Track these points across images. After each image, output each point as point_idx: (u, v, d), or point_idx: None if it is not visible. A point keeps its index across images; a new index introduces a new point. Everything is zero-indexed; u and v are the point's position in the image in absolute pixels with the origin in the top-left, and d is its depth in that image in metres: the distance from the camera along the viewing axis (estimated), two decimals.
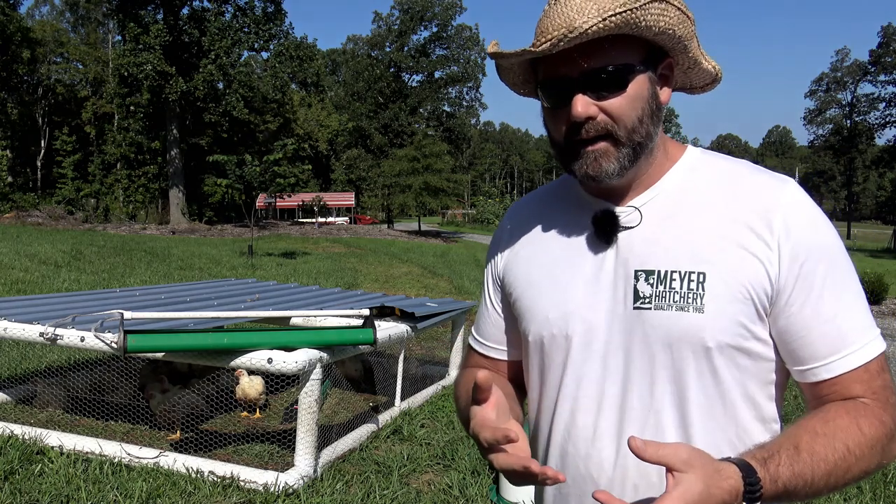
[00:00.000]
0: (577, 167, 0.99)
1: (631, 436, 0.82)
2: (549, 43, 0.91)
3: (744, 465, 0.84)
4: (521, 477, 0.88)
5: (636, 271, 1.00)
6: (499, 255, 1.19)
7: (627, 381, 1.00)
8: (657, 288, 0.98)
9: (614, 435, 1.00)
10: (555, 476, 0.84)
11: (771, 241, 0.95)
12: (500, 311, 1.19)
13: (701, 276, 0.96)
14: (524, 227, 1.16)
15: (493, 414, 0.93)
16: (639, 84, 0.97)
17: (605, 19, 0.89)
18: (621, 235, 1.03)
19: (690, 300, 0.96)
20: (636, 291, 1.00)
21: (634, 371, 0.99)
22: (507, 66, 1.03)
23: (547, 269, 1.09)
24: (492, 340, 1.22)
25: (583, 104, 0.94)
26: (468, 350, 1.28)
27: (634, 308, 0.99)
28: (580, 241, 1.07)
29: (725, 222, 0.98)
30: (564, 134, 0.99)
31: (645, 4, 0.91)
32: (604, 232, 1.03)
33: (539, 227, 1.14)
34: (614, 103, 0.95)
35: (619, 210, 1.04)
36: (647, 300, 0.99)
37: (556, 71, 0.97)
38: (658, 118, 1.00)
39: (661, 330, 0.97)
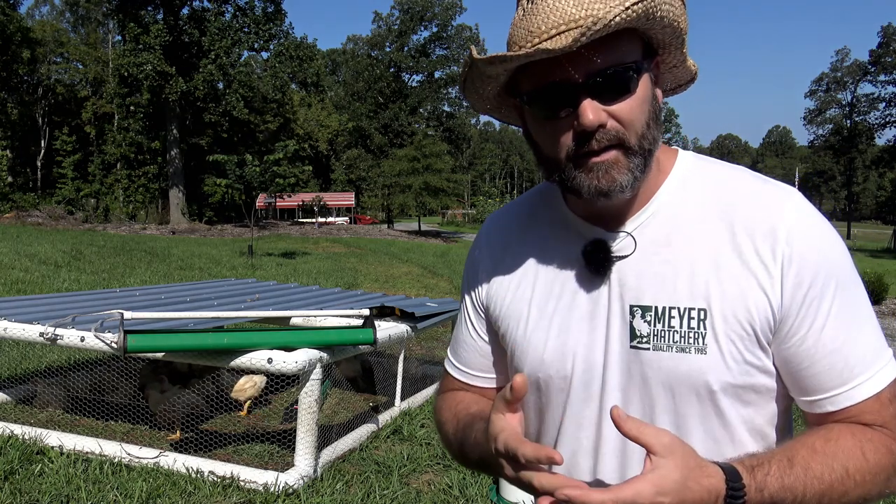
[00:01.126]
0: (583, 182, 0.88)
1: (614, 405, 0.76)
2: (571, 38, 0.79)
3: (729, 469, 0.78)
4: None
5: (632, 307, 0.92)
6: (480, 280, 1.08)
7: None
8: (655, 326, 0.90)
9: (616, 479, 0.94)
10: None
11: (773, 267, 0.87)
12: (485, 339, 1.09)
13: (702, 314, 0.88)
14: (506, 250, 1.06)
15: (521, 429, 0.84)
16: (644, 85, 0.88)
17: (628, 8, 0.79)
18: (615, 266, 0.94)
19: (692, 340, 0.89)
20: (632, 329, 0.92)
21: (634, 414, 0.92)
22: (492, 75, 0.90)
23: (537, 303, 1.00)
24: (477, 368, 1.11)
25: (593, 111, 0.84)
26: (445, 376, 1.16)
27: (631, 347, 0.92)
28: (570, 273, 0.98)
29: (724, 247, 0.90)
30: (566, 147, 0.88)
31: None
32: (596, 266, 0.94)
33: (523, 253, 1.04)
34: (624, 108, 0.86)
35: (610, 237, 0.95)
36: (644, 339, 0.91)
37: (552, 75, 0.85)
38: (660, 122, 0.91)
39: (661, 373, 0.90)
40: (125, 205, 37.52)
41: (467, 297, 1.12)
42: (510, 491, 3.57)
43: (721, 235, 0.90)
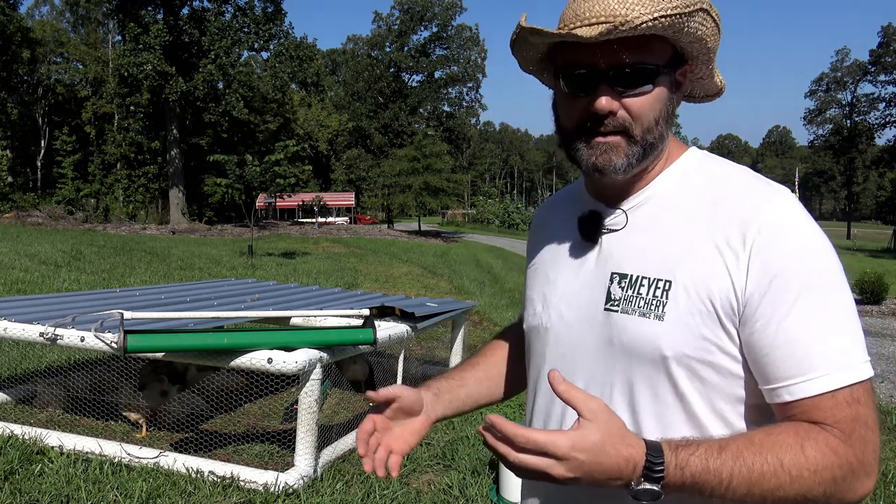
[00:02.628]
0: (584, 156, 0.99)
1: (553, 369, 0.86)
2: (598, 31, 0.90)
3: (652, 445, 0.84)
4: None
5: (612, 273, 1.02)
6: (528, 247, 1.28)
7: (592, 380, 1.02)
8: (626, 292, 0.99)
9: None
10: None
11: (741, 254, 0.92)
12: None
13: (666, 284, 0.96)
14: (542, 223, 1.24)
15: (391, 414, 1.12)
16: (662, 86, 0.97)
17: (656, 18, 0.89)
18: (606, 237, 1.05)
19: (653, 307, 0.96)
20: (609, 293, 1.02)
21: (598, 371, 1.02)
22: (533, 42, 1.02)
23: (544, 264, 1.16)
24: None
25: (608, 99, 0.94)
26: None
27: (605, 309, 1.02)
28: (572, 240, 1.11)
29: (701, 232, 0.96)
30: (577, 122, 0.99)
31: (694, 11, 0.92)
32: (586, 233, 1.06)
33: (551, 224, 1.20)
34: (636, 102, 0.96)
35: (608, 212, 1.06)
36: (616, 303, 1.00)
37: (582, 58, 0.96)
38: (671, 122, 1.01)
39: (624, 334, 0.99)
40: (125, 205, 37.50)
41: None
42: (510, 491, 3.57)
43: (703, 221, 0.98)
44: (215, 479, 3.61)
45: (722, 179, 1.01)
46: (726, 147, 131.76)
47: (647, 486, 0.83)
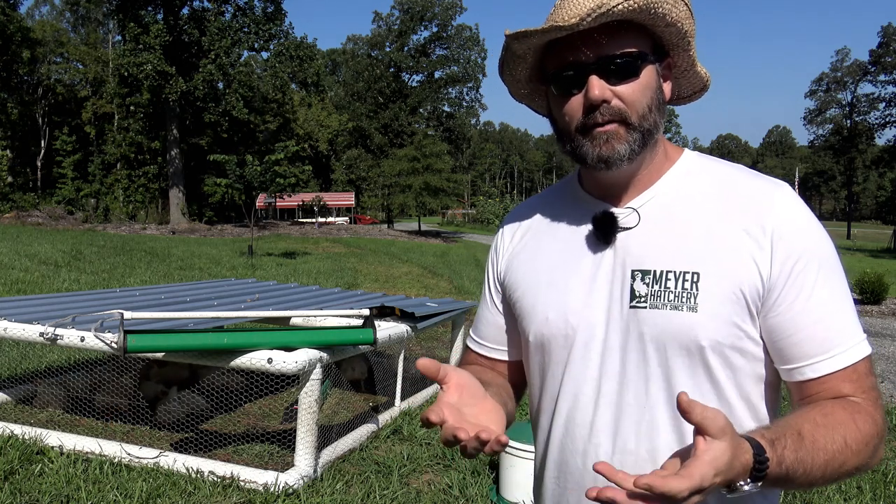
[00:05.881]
0: (587, 150, 1.00)
1: (682, 392, 0.81)
2: (577, 18, 0.93)
3: (755, 444, 0.85)
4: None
5: (633, 271, 1.02)
6: (499, 257, 1.21)
7: (624, 378, 1.02)
8: (652, 287, 1.00)
9: (611, 431, 1.03)
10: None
11: (764, 243, 0.97)
12: (500, 311, 1.21)
13: (695, 276, 0.98)
14: (524, 230, 1.19)
15: (455, 396, 0.88)
16: (649, 73, 1.00)
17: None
18: (619, 236, 1.05)
19: (684, 300, 0.98)
20: (632, 291, 1.02)
21: (630, 369, 1.02)
22: (520, 54, 1.04)
23: (546, 270, 1.11)
24: (491, 341, 1.23)
25: (599, 87, 0.97)
26: (465, 350, 1.29)
27: (631, 307, 1.02)
28: (579, 242, 1.09)
29: (720, 225, 1.00)
30: (580, 118, 1.00)
31: None
32: (603, 233, 1.05)
33: (538, 229, 1.16)
34: (627, 89, 0.98)
35: (617, 211, 1.06)
36: (642, 299, 1.01)
37: (569, 58, 0.99)
38: (663, 111, 1.03)
39: (655, 329, 0.99)
40: (125, 205, 37.51)
41: (488, 275, 1.24)
42: (510, 491, 3.57)
43: (717, 213, 1.01)
44: (215, 479, 3.61)
45: (725, 175, 1.05)
46: (726, 147, 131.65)
47: (749, 485, 0.85)
